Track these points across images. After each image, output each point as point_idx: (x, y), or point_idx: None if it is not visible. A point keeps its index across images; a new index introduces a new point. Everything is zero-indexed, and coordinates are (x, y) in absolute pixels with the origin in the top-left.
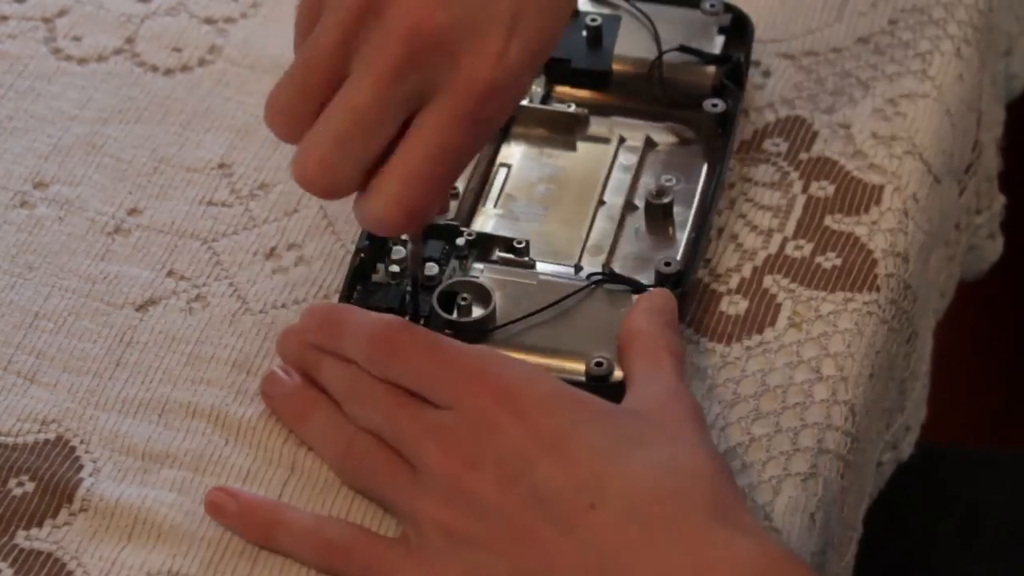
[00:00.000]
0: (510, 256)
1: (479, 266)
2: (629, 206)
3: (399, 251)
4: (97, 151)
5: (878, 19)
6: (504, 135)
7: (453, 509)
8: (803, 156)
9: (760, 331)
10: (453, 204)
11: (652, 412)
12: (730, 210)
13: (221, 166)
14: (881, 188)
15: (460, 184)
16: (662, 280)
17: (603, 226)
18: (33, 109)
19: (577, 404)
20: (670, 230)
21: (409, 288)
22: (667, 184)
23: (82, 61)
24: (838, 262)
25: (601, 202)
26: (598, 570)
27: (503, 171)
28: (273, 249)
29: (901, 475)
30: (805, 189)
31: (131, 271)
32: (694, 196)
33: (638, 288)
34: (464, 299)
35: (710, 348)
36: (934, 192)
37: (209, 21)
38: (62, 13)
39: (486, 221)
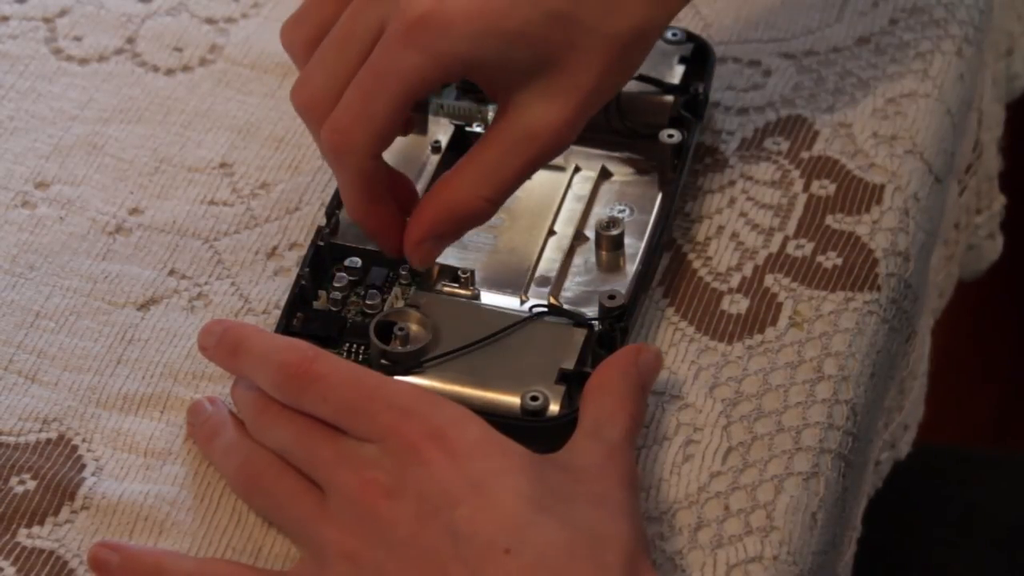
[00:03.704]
0: (454, 286)
1: (421, 295)
2: (580, 236)
3: (341, 278)
4: (98, 151)
5: (879, 19)
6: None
7: (364, 537)
8: (804, 155)
9: (761, 330)
10: None
11: (585, 469)
12: (730, 208)
13: (222, 165)
14: (882, 187)
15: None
16: (605, 313)
17: (552, 256)
18: (34, 109)
19: (507, 451)
20: (620, 262)
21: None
22: (619, 215)
23: (83, 61)
24: (839, 261)
25: (551, 232)
26: None
27: None
28: (275, 248)
29: (898, 475)
30: (806, 188)
31: (132, 270)
32: (646, 227)
33: (580, 321)
34: (401, 329)
35: (712, 347)
36: (935, 192)
37: (210, 21)
38: (63, 13)
39: None
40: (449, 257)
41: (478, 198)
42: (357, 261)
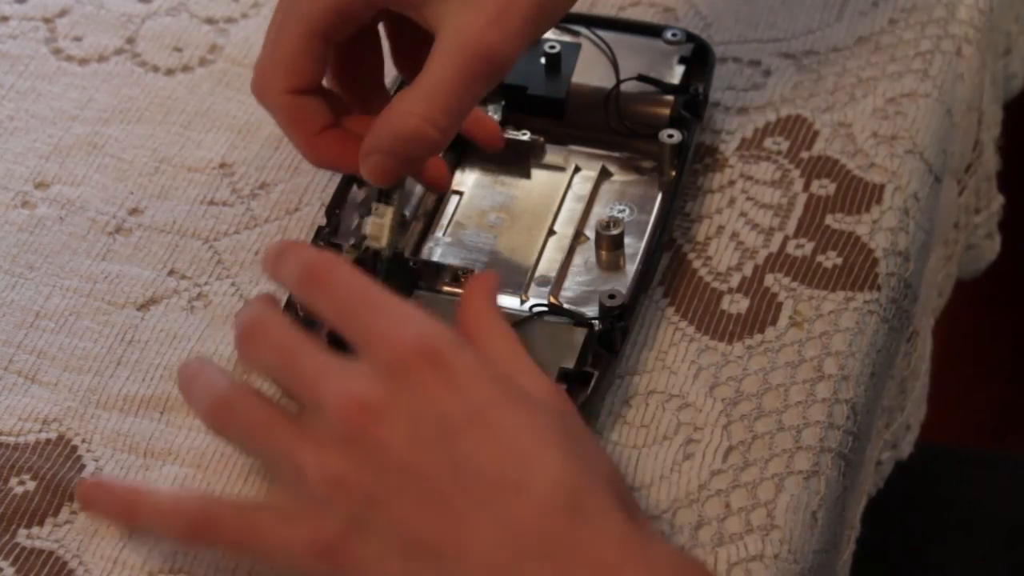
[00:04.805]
0: (454, 286)
1: (422, 295)
2: (580, 236)
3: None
4: (98, 151)
5: (879, 18)
6: (458, 162)
7: (351, 458)
8: (804, 155)
9: (762, 330)
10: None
11: (560, 409)
12: (731, 208)
13: (222, 165)
14: (882, 187)
15: (408, 211)
16: (606, 313)
17: (552, 256)
18: (34, 109)
19: (504, 383)
20: (620, 261)
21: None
22: (619, 215)
23: (83, 61)
24: (839, 261)
25: (552, 232)
26: (512, 553)
27: (455, 198)
28: None
29: (900, 475)
30: (806, 188)
31: (132, 270)
32: (646, 227)
33: (580, 321)
34: None
35: (712, 346)
36: (935, 191)
37: (210, 21)
38: (63, 13)
39: (434, 249)
40: (449, 257)
41: (412, 115)
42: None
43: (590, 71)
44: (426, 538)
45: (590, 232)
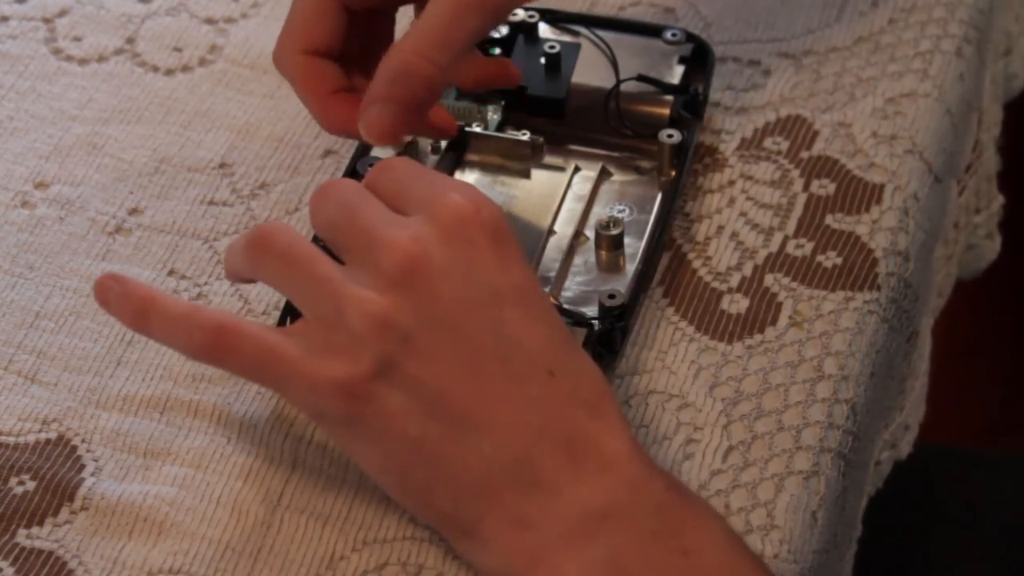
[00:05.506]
0: None
1: None
2: (580, 236)
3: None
4: (98, 151)
5: (878, 18)
6: (458, 162)
7: (396, 300)
8: (804, 155)
9: (761, 330)
10: None
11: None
12: (730, 208)
13: (222, 166)
14: (882, 187)
15: None
16: (605, 313)
17: (552, 256)
18: (34, 109)
19: (533, 275)
20: (620, 262)
21: None
22: (619, 215)
23: (83, 61)
24: (839, 261)
25: (551, 232)
26: (534, 435)
27: None
28: None
29: (899, 475)
30: (806, 188)
31: (132, 271)
32: (646, 227)
33: (580, 321)
34: None
35: (711, 346)
36: (934, 191)
37: (209, 21)
38: (63, 13)
39: None
40: None
41: (402, 51)
42: None
43: (590, 71)
44: (454, 400)
45: (590, 232)
